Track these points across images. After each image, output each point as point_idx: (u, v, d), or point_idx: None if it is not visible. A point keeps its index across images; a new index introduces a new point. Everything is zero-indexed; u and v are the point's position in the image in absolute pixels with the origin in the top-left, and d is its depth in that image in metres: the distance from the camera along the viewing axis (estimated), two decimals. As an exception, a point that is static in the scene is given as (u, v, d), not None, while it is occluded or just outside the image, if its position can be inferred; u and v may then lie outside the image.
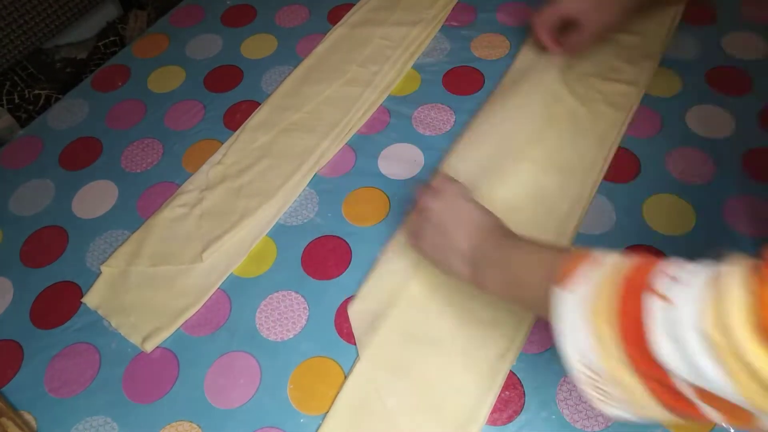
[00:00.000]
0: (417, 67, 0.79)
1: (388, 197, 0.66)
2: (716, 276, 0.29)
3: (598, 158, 0.66)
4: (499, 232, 0.47)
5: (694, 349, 0.28)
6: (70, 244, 0.66)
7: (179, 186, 0.69)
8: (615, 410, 0.34)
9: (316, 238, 0.63)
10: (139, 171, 0.72)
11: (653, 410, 0.32)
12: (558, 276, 0.36)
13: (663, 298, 0.30)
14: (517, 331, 0.54)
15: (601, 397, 0.34)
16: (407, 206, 0.55)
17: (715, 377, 0.27)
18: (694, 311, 0.28)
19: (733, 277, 0.28)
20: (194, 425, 0.53)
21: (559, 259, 0.38)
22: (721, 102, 0.70)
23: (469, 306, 0.56)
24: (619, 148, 0.67)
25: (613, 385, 0.33)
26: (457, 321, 0.55)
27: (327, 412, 0.52)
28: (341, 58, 0.80)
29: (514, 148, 0.67)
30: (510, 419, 0.51)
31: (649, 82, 0.72)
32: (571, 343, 0.34)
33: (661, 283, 0.30)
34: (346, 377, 0.54)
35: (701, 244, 0.59)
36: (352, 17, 0.85)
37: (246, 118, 0.75)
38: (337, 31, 0.83)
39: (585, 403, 0.51)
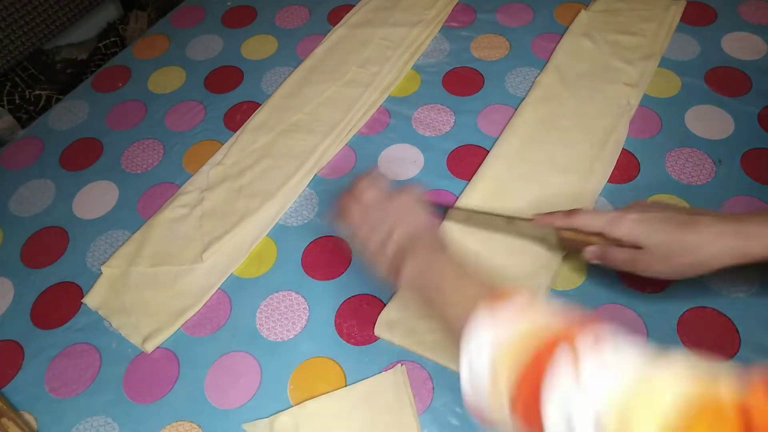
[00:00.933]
0: (417, 68, 0.79)
1: (388, 198, 0.66)
2: (638, 377, 0.29)
3: (600, 160, 0.66)
4: (428, 239, 0.46)
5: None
6: (71, 244, 0.66)
7: (180, 186, 0.69)
8: (480, 414, 0.37)
9: (316, 239, 0.64)
10: (139, 171, 0.72)
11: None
12: (489, 296, 0.37)
13: (574, 366, 0.30)
14: None
15: (472, 402, 0.36)
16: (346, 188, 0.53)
17: None
18: (599, 400, 0.28)
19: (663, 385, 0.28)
20: (194, 425, 0.53)
21: (491, 289, 0.38)
22: (721, 102, 0.70)
23: None
24: (624, 151, 0.67)
25: (493, 415, 0.35)
26: None
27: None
28: (341, 59, 0.80)
29: (514, 150, 0.68)
30: (510, 419, 0.51)
31: (649, 83, 0.72)
32: (467, 366, 0.36)
33: (582, 348, 0.31)
34: (345, 378, 0.54)
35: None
36: (352, 18, 0.86)
37: (246, 119, 0.75)
38: (337, 32, 0.84)
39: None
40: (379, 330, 0.56)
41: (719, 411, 0.26)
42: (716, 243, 0.44)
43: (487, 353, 0.34)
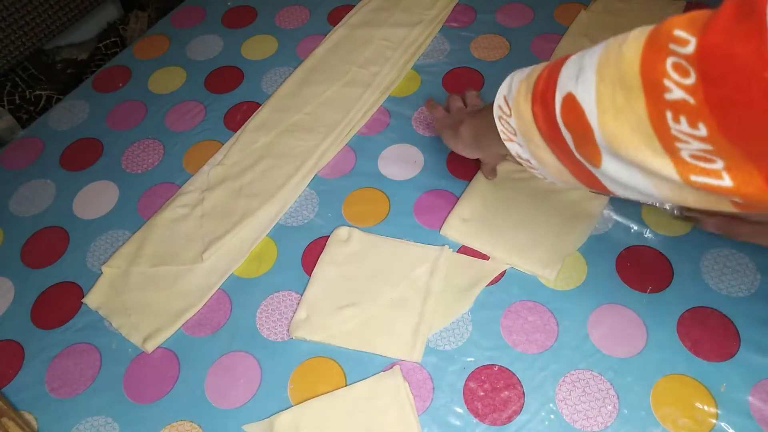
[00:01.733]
0: (417, 68, 0.79)
1: (388, 198, 0.66)
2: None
3: None
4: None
5: (590, 53, 0.32)
6: (71, 244, 0.66)
7: (180, 186, 0.69)
8: (517, 148, 0.42)
9: (316, 239, 0.64)
10: (139, 171, 0.72)
11: (538, 144, 0.39)
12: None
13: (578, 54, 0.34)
14: None
15: (507, 133, 0.42)
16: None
17: (589, 74, 0.31)
18: (596, 48, 0.32)
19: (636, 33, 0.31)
20: (195, 425, 0.53)
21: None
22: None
23: None
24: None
25: (514, 115, 0.40)
26: None
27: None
28: (341, 59, 0.80)
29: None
30: (510, 419, 0.51)
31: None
32: (507, 82, 0.42)
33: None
34: (346, 377, 0.54)
35: (701, 245, 0.59)
36: (352, 18, 0.86)
37: (246, 119, 0.75)
38: (338, 32, 0.84)
39: (584, 402, 0.51)
40: (293, 331, 0.56)
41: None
42: None
43: (510, 78, 0.41)
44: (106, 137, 0.76)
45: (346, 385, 0.54)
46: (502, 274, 0.59)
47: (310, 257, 0.62)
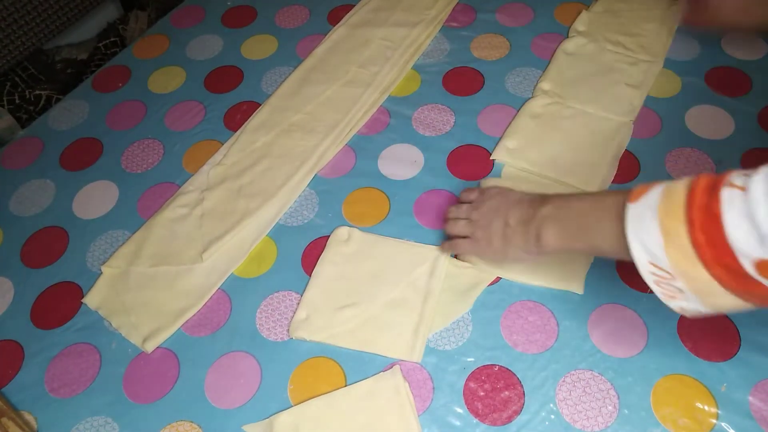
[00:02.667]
0: (417, 68, 0.79)
1: (388, 197, 0.66)
2: None
3: (603, 162, 0.65)
4: (547, 196, 0.49)
5: (765, 219, 0.31)
6: (71, 244, 0.66)
7: (180, 186, 0.69)
8: (682, 304, 0.38)
9: (316, 239, 0.64)
10: (139, 171, 0.72)
11: (720, 296, 0.35)
12: (630, 197, 0.39)
13: (740, 188, 0.33)
14: None
15: (669, 293, 0.38)
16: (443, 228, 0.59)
17: None
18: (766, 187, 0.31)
19: None
20: (195, 425, 0.53)
21: (624, 194, 0.40)
22: (721, 102, 0.70)
23: None
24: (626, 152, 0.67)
25: (681, 277, 0.36)
26: None
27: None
28: (341, 59, 0.80)
29: (517, 152, 0.68)
30: (510, 419, 0.51)
31: (652, 84, 0.72)
32: (640, 245, 0.37)
33: (736, 179, 0.34)
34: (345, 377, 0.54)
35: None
36: (352, 18, 0.85)
37: (246, 119, 0.75)
38: (338, 32, 0.84)
39: (585, 402, 0.51)
40: (293, 331, 0.56)
41: None
42: None
43: (653, 224, 0.36)
44: (105, 137, 0.76)
45: (346, 385, 0.54)
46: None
47: (310, 257, 0.62)
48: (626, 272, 0.57)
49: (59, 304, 0.61)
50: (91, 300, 0.61)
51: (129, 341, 0.58)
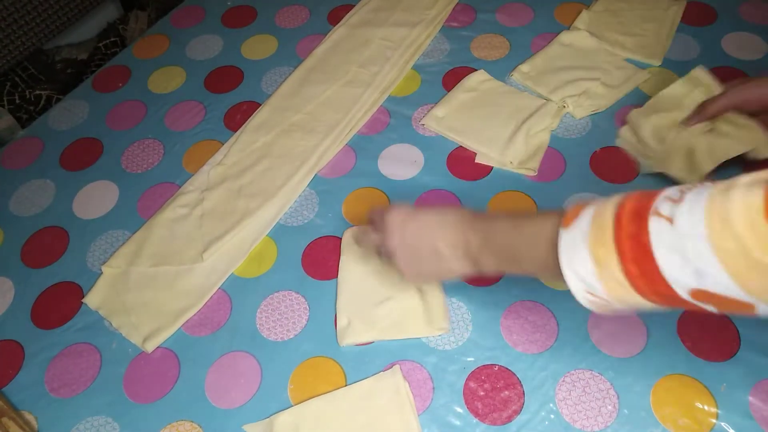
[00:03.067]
0: (417, 68, 0.79)
1: (388, 197, 0.66)
2: (714, 193, 0.31)
3: (518, 138, 0.66)
4: (470, 219, 0.46)
5: (697, 254, 0.31)
6: (71, 244, 0.66)
7: (180, 186, 0.69)
8: (615, 311, 0.39)
9: (316, 239, 0.64)
10: (139, 171, 0.72)
11: (658, 310, 0.37)
12: (563, 221, 0.38)
13: (667, 219, 0.32)
14: None
15: (607, 311, 0.39)
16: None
17: (721, 278, 0.31)
18: (695, 221, 0.31)
19: (735, 189, 0.30)
20: (195, 425, 0.53)
21: (557, 217, 0.39)
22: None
23: None
24: (620, 149, 0.67)
25: (617, 302, 0.37)
26: None
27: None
28: (341, 59, 0.80)
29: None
30: (510, 419, 0.51)
31: (651, 82, 0.72)
32: (574, 275, 0.37)
33: (663, 205, 0.33)
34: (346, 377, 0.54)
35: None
36: (352, 18, 0.86)
37: (246, 119, 0.75)
38: (338, 32, 0.84)
39: (584, 402, 0.51)
40: (341, 340, 0.56)
41: None
42: None
43: (584, 254, 0.36)
44: (106, 137, 0.76)
45: (346, 385, 0.54)
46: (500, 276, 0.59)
47: (310, 257, 0.62)
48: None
49: (59, 304, 0.61)
50: (92, 300, 0.61)
51: (129, 341, 0.58)
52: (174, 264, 0.63)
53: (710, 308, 0.34)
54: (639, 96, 0.72)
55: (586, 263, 0.36)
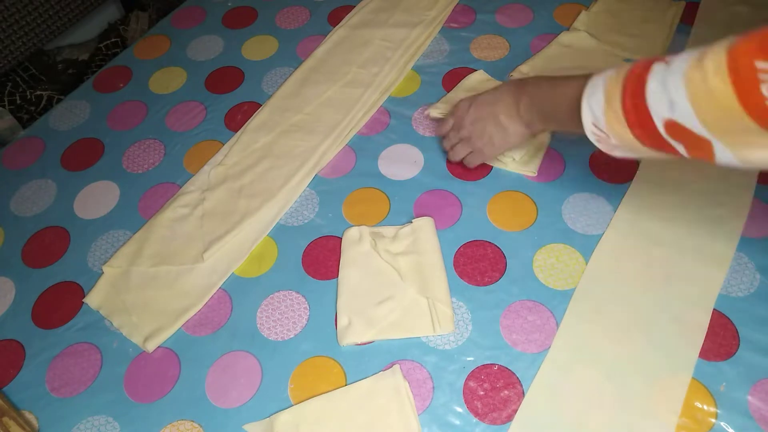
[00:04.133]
0: (417, 69, 0.79)
1: (388, 197, 0.66)
2: (706, 48, 0.37)
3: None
4: (517, 87, 0.56)
5: (673, 86, 0.37)
6: (72, 244, 0.66)
7: (180, 186, 0.70)
8: (614, 151, 0.46)
9: (316, 239, 0.64)
10: (140, 171, 0.72)
11: (644, 152, 0.44)
12: (594, 74, 0.45)
13: (666, 62, 0.39)
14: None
15: (608, 148, 0.46)
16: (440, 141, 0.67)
17: (684, 106, 0.37)
18: (681, 62, 0.37)
19: (717, 46, 0.36)
20: (195, 424, 0.53)
21: (584, 76, 0.46)
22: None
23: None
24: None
25: (613, 137, 0.44)
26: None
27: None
28: (342, 60, 0.80)
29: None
30: (509, 418, 0.51)
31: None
32: (588, 108, 0.45)
33: (669, 56, 0.39)
34: (346, 377, 0.54)
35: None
36: (352, 19, 0.86)
37: (247, 119, 0.75)
38: (338, 33, 0.84)
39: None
40: (341, 339, 0.56)
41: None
42: None
43: (600, 90, 0.43)
44: (106, 137, 0.76)
45: (346, 385, 0.54)
46: (503, 272, 0.59)
47: (311, 257, 0.62)
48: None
49: (60, 304, 0.62)
50: (92, 300, 0.61)
51: (130, 341, 0.58)
52: (175, 264, 0.63)
53: (681, 149, 0.40)
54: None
55: (599, 98, 0.43)
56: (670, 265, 0.57)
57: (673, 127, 0.39)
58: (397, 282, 0.59)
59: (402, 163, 0.69)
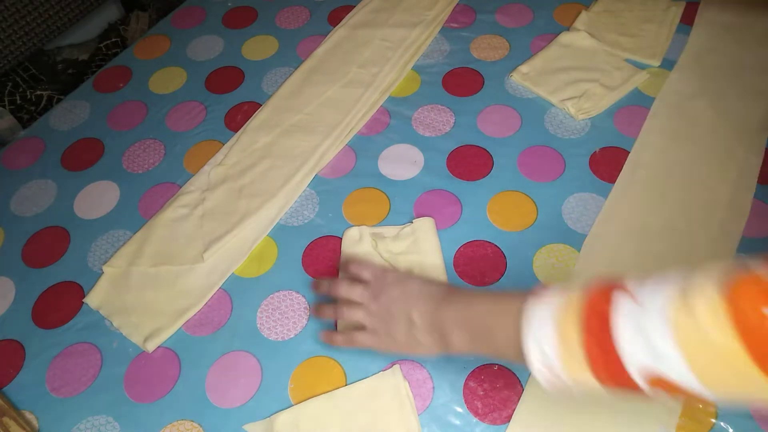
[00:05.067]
0: (417, 69, 0.79)
1: (388, 197, 0.66)
2: (686, 284, 0.31)
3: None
4: (450, 293, 0.46)
5: (656, 334, 0.31)
6: (72, 244, 0.66)
7: (180, 186, 0.70)
8: (567, 394, 0.37)
9: (316, 239, 0.64)
10: (140, 171, 0.72)
11: (599, 391, 0.35)
12: (533, 293, 0.38)
13: (631, 295, 0.33)
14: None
15: (556, 390, 0.37)
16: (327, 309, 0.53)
17: (675, 359, 0.30)
18: (661, 303, 0.31)
19: (702, 282, 0.31)
20: (195, 424, 0.53)
21: (523, 296, 0.39)
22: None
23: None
24: (617, 149, 0.67)
25: (571, 382, 0.35)
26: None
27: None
28: (342, 60, 0.80)
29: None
30: (509, 418, 0.51)
31: (650, 82, 0.73)
32: (535, 345, 0.36)
33: (630, 284, 0.34)
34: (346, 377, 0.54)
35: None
36: (352, 19, 0.86)
37: (247, 119, 0.75)
38: (338, 33, 0.84)
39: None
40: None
41: (757, 279, 0.29)
42: None
43: (549, 324, 0.35)
44: (106, 137, 0.76)
45: (346, 385, 0.54)
46: (503, 272, 0.59)
47: (311, 257, 0.62)
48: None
49: (60, 304, 0.62)
50: (92, 300, 0.61)
51: (130, 341, 0.58)
52: (175, 264, 0.63)
53: (664, 397, 0.33)
54: (638, 96, 0.72)
55: (548, 335, 0.35)
56: (670, 265, 0.57)
57: (660, 382, 0.32)
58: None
59: (402, 163, 0.69)
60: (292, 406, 0.53)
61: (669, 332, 0.30)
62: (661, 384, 0.32)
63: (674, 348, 0.30)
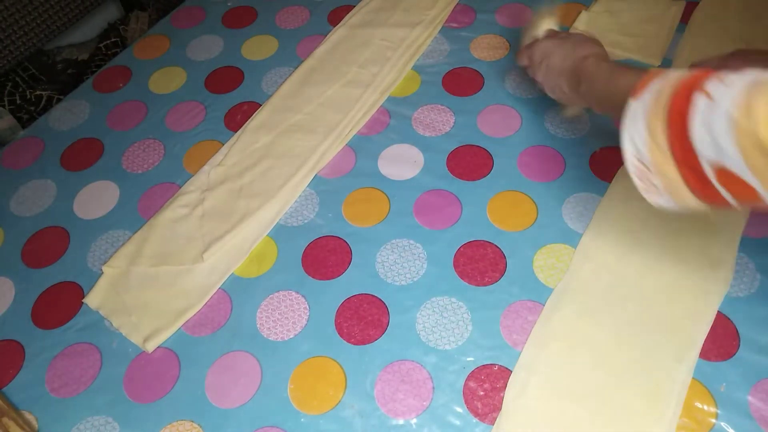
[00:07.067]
0: (417, 68, 0.79)
1: (388, 198, 0.66)
2: (756, 81, 0.35)
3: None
4: (596, 56, 0.56)
5: (720, 131, 0.35)
6: (72, 244, 0.66)
7: (180, 186, 0.70)
8: (656, 198, 0.43)
9: (316, 239, 0.64)
10: (140, 172, 0.72)
11: (686, 197, 0.40)
12: (633, 90, 0.42)
13: (707, 95, 0.36)
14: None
15: (646, 188, 0.42)
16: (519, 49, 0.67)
17: (732, 151, 0.34)
18: (728, 103, 0.35)
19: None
20: (195, 425, 0.53)
21: (638, 77, 0.44)
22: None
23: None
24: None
25: (657, 174, 0.41)
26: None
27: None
28: (341, 60, 0.80)
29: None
30: (509, 419, 0.51)
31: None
32: (629, 140, 0.42)
33: (710, 84, 0.37)
34: (346, 376, 0.54)
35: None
36: (352, 18, 0.86)
37: (247, 119, 0.75)
38: (338, 33, 0.84)
39: (584, 402, 0.51)
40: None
41: None
42: None
43: (641, 120, 0.41)
44: (106, 137, 0.76)
45: (346, 385, 0.54)
46: (503, 272, 0.59)
47: (311, 257, 0.62)
48: (626, 272, 0.57)
49: (60, 304, 0.62)
50: (92, 300, 0.61)
51: (130, 341, 0.58)
52: (174, 264, 0.63)
53: (730, 198, 0.37)
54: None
55: (640, 129, 0.40)
56: (670, 265, 0.57)
57: (726, 176, 0.36)
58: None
59: (402, 163, 0.69)
60: (292, 406, 0.53)
61: (729, 131, 0.34)
62: (727, 177, 0.36)
63: (732, 144, 0.34)
